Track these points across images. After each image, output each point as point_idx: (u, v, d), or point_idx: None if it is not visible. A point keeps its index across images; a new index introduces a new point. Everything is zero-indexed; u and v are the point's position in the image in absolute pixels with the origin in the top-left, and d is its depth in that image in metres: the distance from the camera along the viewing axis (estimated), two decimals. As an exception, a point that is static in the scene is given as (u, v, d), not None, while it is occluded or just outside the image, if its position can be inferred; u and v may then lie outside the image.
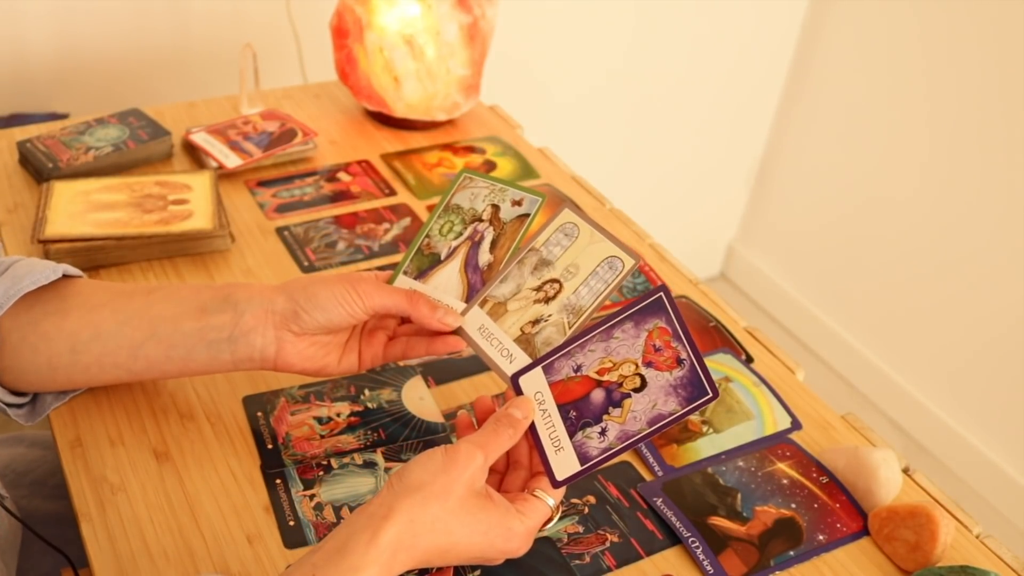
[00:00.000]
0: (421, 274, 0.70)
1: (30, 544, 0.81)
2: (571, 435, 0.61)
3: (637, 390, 0.61)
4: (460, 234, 0.71)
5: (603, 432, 0.61)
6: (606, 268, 0.66)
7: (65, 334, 0.67)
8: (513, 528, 0.58)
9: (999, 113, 1.75)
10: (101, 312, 0.68)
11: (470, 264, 0.69)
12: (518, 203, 0.70)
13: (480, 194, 0.72)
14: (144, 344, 0.67)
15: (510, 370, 0.65)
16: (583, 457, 0.61)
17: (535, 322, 0.66)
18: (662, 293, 0.63)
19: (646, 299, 0.63)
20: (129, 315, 0.68)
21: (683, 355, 0.62)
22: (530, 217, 0.69)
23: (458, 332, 0.68)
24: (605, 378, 0.62)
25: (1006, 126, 1.74)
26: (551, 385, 0.63)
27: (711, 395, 0.60)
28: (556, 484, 0.61)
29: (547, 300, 0.66)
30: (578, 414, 0.62)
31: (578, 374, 0.63)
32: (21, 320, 0.67)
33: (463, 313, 0.68)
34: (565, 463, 0.61)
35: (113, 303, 0.68)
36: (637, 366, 0.62)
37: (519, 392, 0.64)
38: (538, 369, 0.64)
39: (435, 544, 0.56)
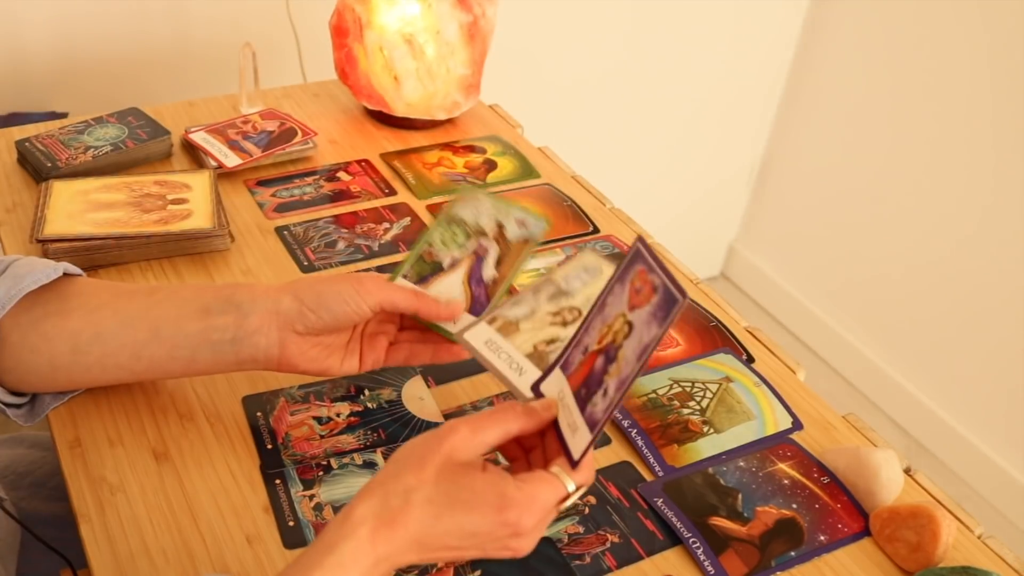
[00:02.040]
0: (422, 280, 0.71)
1: (29, 546, 0.80)
2: (582, 411, 0.59)
3: (627, 336, 0.59)
4: (463, 246, 0.71)
5: (604, 392, 0.59)
6: None
7: (66, 334, 0.67)
8: (507, 494, 0.53)
9: (1000, 113, 1.75)
10: (102, 312, 0.68)
11: (474, 277, 0.69)
12: (522, 224, 0.71)
13: (484, 210, 0.72)
14: (147, 345, 0.67)
15: (520, 383, 0.63)
16: (592, 425, 0.58)
17: (550, 341, 0.65)
18: (639, 244, 0.61)
19: (626, 257, 0.62)
20: (131, 315, 0.67)
21: (656, 281, 0.59)
22: (533, 240, 0.70)
23: (458, 341, 0.67)
24: (604, 343, 0.60)
25: (1007, 126, 1.74)
26: (569, 378, 0.61)
27: (680, 299, 0.56)
28: (575, 464, 0.57)
29: (565, 324, 0.66)
30: (587, 390, 0.60)
31: (586, 355, 0.61)
32: (21, 320, 0.67)
33: (470, 328, 0.67)
34: (579, 440, 0.58)
35: (115, 303, 0.68)
36: (625, 316, 0.60)
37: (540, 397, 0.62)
38: (557, 370, 0.62)
39: (416, 519, 0.52)
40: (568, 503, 0.57)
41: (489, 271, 0.69)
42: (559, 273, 0.68)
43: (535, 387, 0.62)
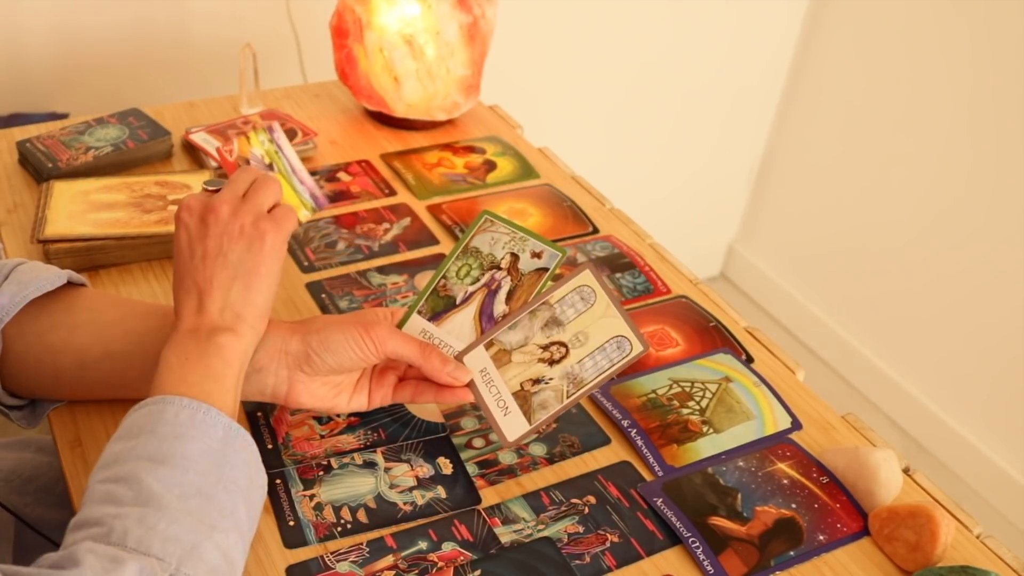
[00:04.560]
0: (435, 316, 0.70)
1: (26, 547, 0.80)
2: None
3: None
4: (477, 279, 0.70)
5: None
6: (614, 347, 0.67)
7: (73, 349, 0.67)
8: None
9: (1000, 112, 1.75)
10: (112, 331, 0.67)
11: (485, 312, 0.69)
12: (537, 255, 0.70)
13: (500, 240, 0.71)
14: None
15: (504, 424, 0.66)
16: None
17: (536, 381, 0.67)
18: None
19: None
20: (141, 337, 0.67)
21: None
22: (549, 272, 0.69)
23: (468, 385, 0.68)
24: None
25: (1007, 125, 1.74)
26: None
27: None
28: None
29: (551, 362, 0.67)
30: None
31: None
32: (26, 329, 0.67)
33: (467, 351, 0.68)
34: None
35: (125, 323, 0.68)
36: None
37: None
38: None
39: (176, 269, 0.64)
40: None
41: (500, 306, 0.69)
42: (556, 295, 0.68)
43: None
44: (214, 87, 1.39)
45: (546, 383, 0.66)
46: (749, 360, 0.85)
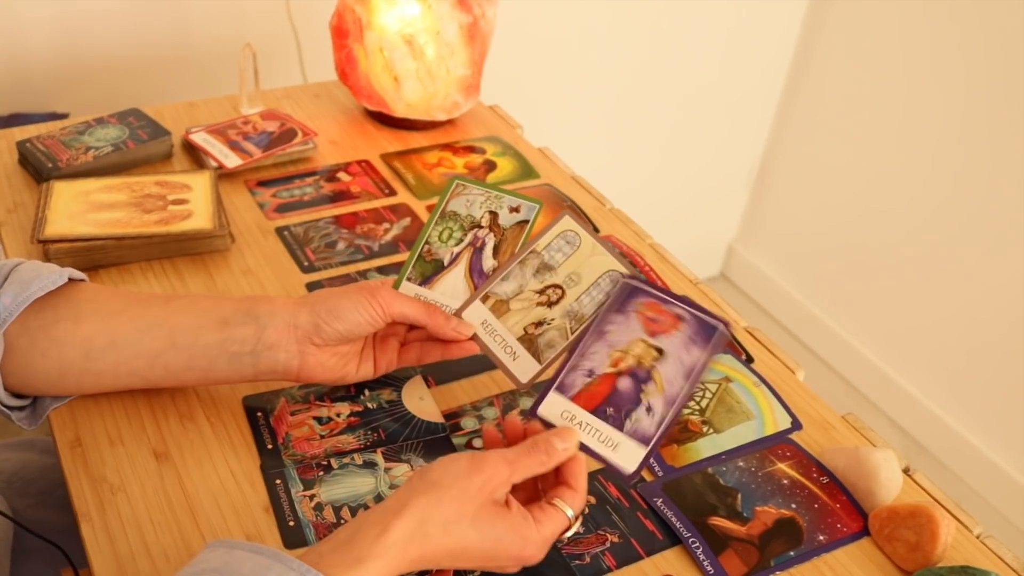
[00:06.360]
0: (425, 280, 0.72)
1: (24, 553, 0.79)
2: (621, 428, 0.63)
3: (658, 360, 0.64)
4: (460, 240, 0.72)
5: (649, 409, 0.63)
6: (607, 280, 0.68)
7: (78, 340, 0.67)
8: (528, 537, 0.58)
9: (1000, 112, 1.75)
10: (117, 319, 0.67)
11: (475, 269, 0.70)
12: (516, 209, 0.72)
13: (476, 200, 0.73)
14: (163, 353, 0.67)
15: (515, 368, 0.66)
16: (644, 439, 0.62)
17: (538, 324, 0.68)
18: (626, 280, 0.68)
19: (618, 292, 0.68)
20: (148, 324, 0.67)
21: (679, 311, 0.65)
22: (529, 223, 0.71)
23: (473, 338, 0.69)
24: (622, 367, 0.64)
25: (1006, 125, 1.74)
26: (573, 399, 0.64)
27: (723, 325, 0.64)
28: (631, 477, 0.62)
29: (550, 304, 0.68)
30: (616, 409, 0.63)
31: (594, 377, 0.64)
32: (30, 325, 0.67)
33: (464, 307, 0.69)
34: (630, 454, 0.62)
35: (130, 311, 0.68)
36: (646, 341, 0.64)
37: (547, 425, 0.64)
38: (552, 393, 0.65)
39: (446, 547, 0.56)
40: (569, 533, 0.62)
41: (488, 261, 0.71)
42: (541, 242, 0.70)
43: (532, 411, 0.65)
44: (214, 87, 1.39)
45: (549, 324, 0.67)
46: (749, 360, 0.85)
